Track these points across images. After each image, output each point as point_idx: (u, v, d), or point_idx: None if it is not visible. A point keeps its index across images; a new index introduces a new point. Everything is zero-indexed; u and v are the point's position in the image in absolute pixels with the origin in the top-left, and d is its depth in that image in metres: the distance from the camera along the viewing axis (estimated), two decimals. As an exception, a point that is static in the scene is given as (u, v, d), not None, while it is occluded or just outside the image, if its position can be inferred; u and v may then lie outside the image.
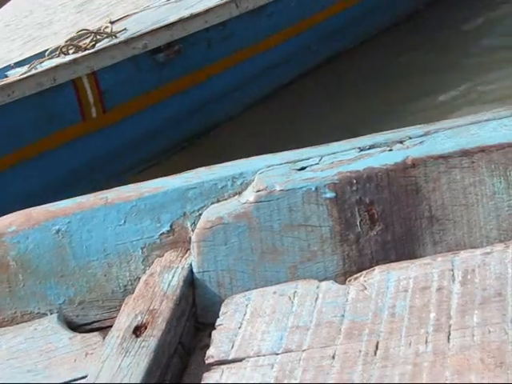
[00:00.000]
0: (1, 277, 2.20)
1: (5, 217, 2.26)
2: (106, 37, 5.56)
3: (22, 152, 4.43)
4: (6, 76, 5.43)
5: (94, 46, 5.41)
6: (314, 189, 1.96)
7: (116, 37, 5.56)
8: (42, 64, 5.16)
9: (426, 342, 1.62)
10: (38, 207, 2.24)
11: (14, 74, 5.30)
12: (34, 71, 4.94)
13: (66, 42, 5.38)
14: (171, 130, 5.07)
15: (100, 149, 4.74)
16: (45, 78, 4.36)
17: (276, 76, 5.57)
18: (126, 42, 4.69)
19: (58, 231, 2.17)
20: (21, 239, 2.19)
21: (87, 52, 4.71)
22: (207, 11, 5.01)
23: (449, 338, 1.60)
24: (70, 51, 5.27)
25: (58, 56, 5.25)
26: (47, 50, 5.69)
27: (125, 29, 5.87)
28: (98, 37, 5.49)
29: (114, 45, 4.71)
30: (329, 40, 5.78)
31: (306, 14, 5.61)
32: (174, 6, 6.39)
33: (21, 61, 5.71)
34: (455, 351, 1.56)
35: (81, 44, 5.40)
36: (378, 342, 1.66)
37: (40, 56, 5.49)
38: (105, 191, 2.21)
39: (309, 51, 5.66)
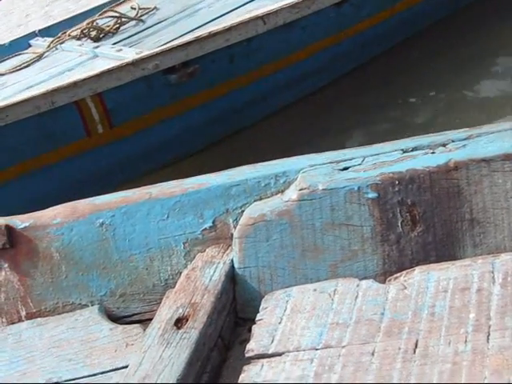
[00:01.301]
0: (44, 268, 2.25)
1: (50, 209, 2.30)
2: (131, 20, 5.45)
3: (22, 166, 4.25)
4: (30, 45, 5.43)
5: (117, 29, 5.33)
6: (356, 189, 1.98)
7: (142, 21, 5.46)
8: (62, 45, 5.13)
9: (466, 341, 1.63)
10: (83, 200, 2.28)
11: (36, 46, 5.33)
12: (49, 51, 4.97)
13: (88, 24, 5.28)
14: (184, 142, 4.77)
15: (107, 161, 4.49)
16: (42, 102, 4.09)
17: (303, 86, 5.25)
18: (134, 63, 4.31)
19: (101, 224, 2.20)
20: (65, 231, 2.23)
21: (90, 74, 4.28)
22: (229, 29, 4.55)
23: (488, 339, 1.61)
24: (92, 33, 5.20)
25: (79, 38, 5.18)
26: (74, 16, 5.69)
27: (154, 8, 5.68)
28: (123, 19, 5.41)
29: (121, 66, 4.30)
30: (358, 50, 5.46)
31: (343, 25, 5.24)
32: None
33: (45, 28, 5.62)
34: (494, 351, 1.57)
35: (103, 27, 5.33)
36: (417, 341, 1.67)
37: (66, 24, 5.47)
38: (149, 186, 2.24)
39: (341, 60, 5.37)
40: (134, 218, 2.19)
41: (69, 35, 5.22)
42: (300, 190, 2.03)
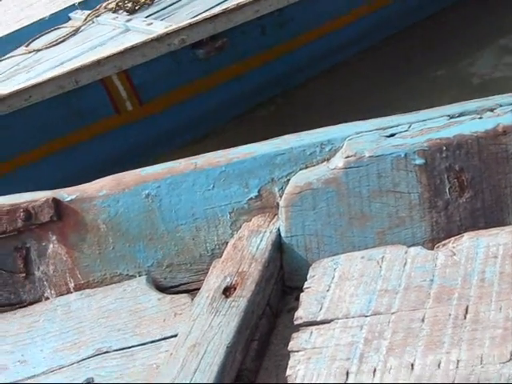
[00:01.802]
0: (91, 239, 2.26)
1: (96, 181, 2.31)
2: None
3: (52, 144, 4.26)
4: (70, 19, 5.38)
5: (153, 0, 5.22)
6: (403, 155, 1.96)
7: None
8: (98, 18, 5.08)
9: None
10: (129, 172, 2.29)
11: (75, 20, 5.27)
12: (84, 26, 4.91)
13: None
14: (217, 117, 4.68)
15: (139, 138, 4.44)
16: (66, 81, 4.06)
17: (337, 58, 5.11)
18: (159, 38, 4.20)
19: (147, 195, 2.21)
20: (111, 203, 2.24)
21: (114, 51, 4.20)
22: (256, 0, 4.38)
23: None
24: (128, 5, 5.14)
25: (115, 11, 5.11)
26: None
27: None
28: None
29: (145, 43, 4.21)
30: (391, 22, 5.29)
31: None
32: None
33: (85, 0, 5.54)
34: None
35: None
36: (467, 306, 1.66)
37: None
38: (194, 157, 2.24)
39: (381, 28, 5.22)
40: (179, 188, 2.19)
41: (105, 8, 5.21)
42: (346, 157, 2.01)
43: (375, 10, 5.10)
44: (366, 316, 1.73)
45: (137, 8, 5.19)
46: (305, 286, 1.91)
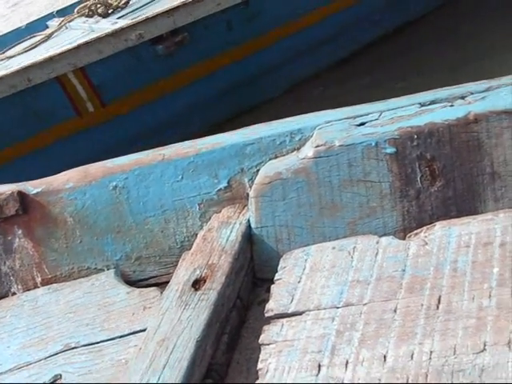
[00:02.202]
0: (58, 233, 2.23)
1: (62, 173, 2.27)
2: None
3: (13, 149, 4.01)
4: (47, 27, 5.28)
5: (127, 3, 5.06)
6: (374, 144, 1.94)
7: None
8: (70, 24, 4.94)
9: (490, 296, 1.60)
10: (96, 163, 2.26)
11: (52, 27, 5.13)
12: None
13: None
14: (186, 120, 4.35)
15: (104, 141, 4.12)
16: (18, 80, 3.83)
17: (318, 56, 4.71)
18: (114, 34, 3.95)
19: (115, 187, 2.18)
20: (78, 195, 2.20)
21: (68, 47, 4.00)
22: None
23: None
24: (100, 9, 5.00)
25: (88, 15, 4.97)
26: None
27: None
28: None
29: (100, 38, 3.95)
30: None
31: None
32: None
33: (63, 8, 5.49)
34: None
35: (111, 1, 5.08)
36: (440, 296, 1.65)
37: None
38: (162, 147, 2.21)
39: (362, 24, 4.79)
40: (147, 180, 2.16)
41: (78, 13, 5.08)
42: (316, 146, 1.99)
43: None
44: (338, 307, 1.71)
45: (110, 11, 5.08)
46: (276, 278, 1.89)
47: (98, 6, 5.05)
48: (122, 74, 4.05)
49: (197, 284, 1.89)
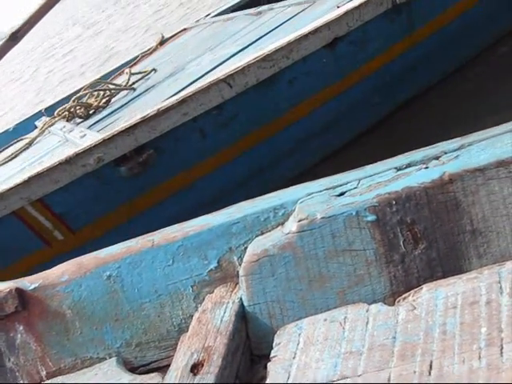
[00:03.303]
0: (58, 326, 2.26)
1: (56, 267, 2.31)
2: (122, 89, 4.91)
3: None
4: (36, 127, 5.09)
5: (108, 102, 4.79)
6: (354, 213, 1.98)
7: (133, 89, 4.85)
8: (50, 128, 4.70)
9: (480, 357, 1.62)
10: (88, 255, 2.29)
11: (39, 128, 4.90)
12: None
13: (74, 100, 4.82)
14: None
15: None
16: None
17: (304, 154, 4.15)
18: (70, 161, 3.43)
19: (109, 277, 2.21)
20: (74, 288, 2.24)
21: (18, 181, 3.43)
22: (182, 102, 3.57)
23: (502, 352, 1.60)
24: (79, 111, 4.71)
25: (68, 119, 4.72)
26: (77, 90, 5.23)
27: (153, 70, 5.15)
28: (112, 90, 4.90)
29: (54, 167, 3.44)
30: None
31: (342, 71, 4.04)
32: (221, 26, 5.57)
33: (51, 106, 5.38)
34: (509, 365, 1.56)
35: (91, 101, 4.80)
36: (431, 362, 1.67)
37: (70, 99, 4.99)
38: (151, 233, 2.25)
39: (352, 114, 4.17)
40: (139, 267, 2.20)
41: (58, 115, 4.82)
42: (299, 221, 2.02)
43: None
44: (333, 382, 1.73)
45: (91, 112, 4.75)
46: (271, 355, 1.91)
47: (78, 108, 4.74)
48: (87, 199, 3.60)
49: (195, 368, 1.91)
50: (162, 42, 6.25)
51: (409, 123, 4.28)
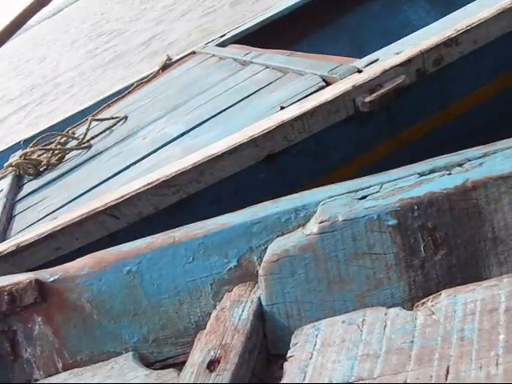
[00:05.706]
0: (76, 319, 2.27)
1: (77, 260, 2.33)
2: (73, 149, 4.35)
3: None
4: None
5: (61, 159, 4.36)
6: (376, 217, 1.98)
7: (89, 147, 4.31)
8: (1, 181, 4.35)
9: (497, 364, 1.62)
10: (109, 249, 2.31)
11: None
12: None
13: (20, 156, 4.43)
14: None
15: None
16: None
17: None
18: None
19: (129, 272, 2.23)
20: (94, 281, 2.26)
21: None
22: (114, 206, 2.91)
23: None
24: (29, 169, 4.29)
25: (17, 174, 4.37)
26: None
27: (124, 117, 4.54)
28: (63, 144, 4.50)
29: None
30: None
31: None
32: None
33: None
34: None
35: (42, 158, 4.35)
36: (448, 367, 1.67)
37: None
38: (172, 230, 2.26)
39: None
40: (159, 263, 2.21)
41: (11, 166, 4.40)
42: (320, 222, 2.03)
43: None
44: (349, 383, 1.74)
45: (42, 169, 4.32)
46: (288, 355, 1.92)
47: (25, 165, 4.32)
48: None
49: (211, 365, 1.92)
50: (165, 66, 5.47)
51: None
